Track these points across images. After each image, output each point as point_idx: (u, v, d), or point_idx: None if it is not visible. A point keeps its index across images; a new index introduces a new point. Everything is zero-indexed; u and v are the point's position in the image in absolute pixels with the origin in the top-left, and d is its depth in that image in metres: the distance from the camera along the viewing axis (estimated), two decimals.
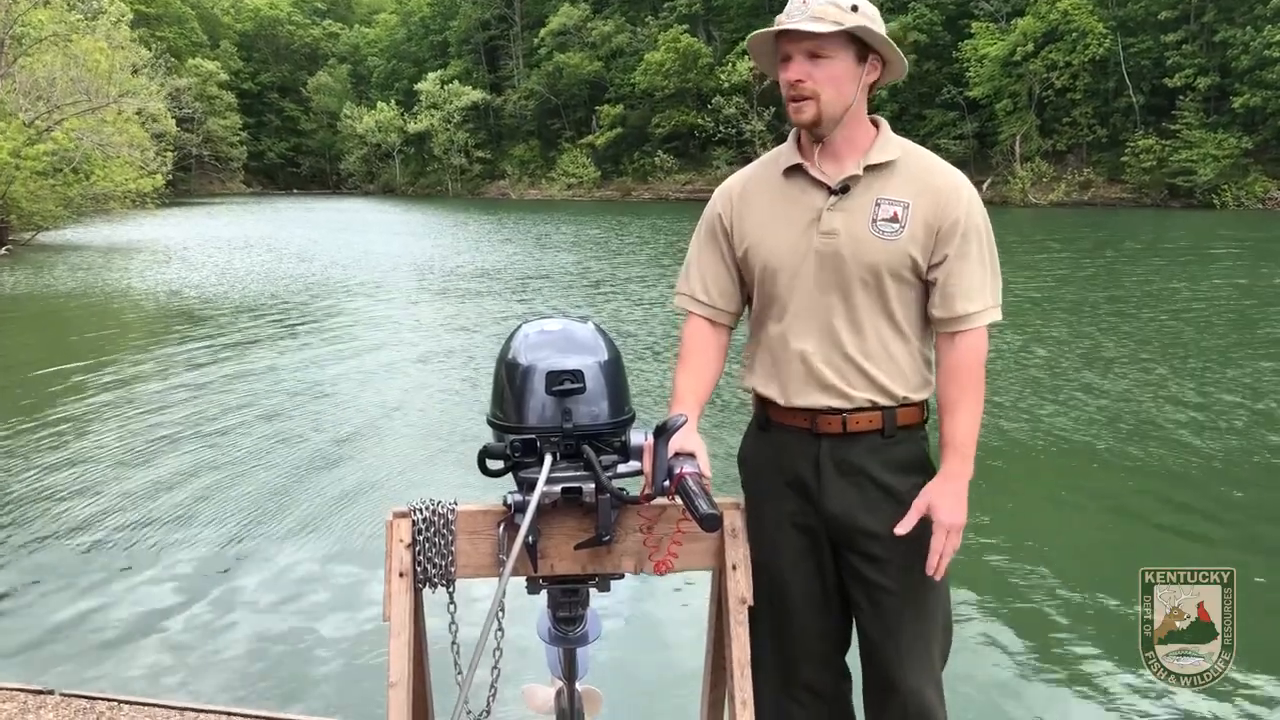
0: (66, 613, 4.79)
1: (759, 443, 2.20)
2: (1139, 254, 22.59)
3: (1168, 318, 13.40)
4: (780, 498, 2.12)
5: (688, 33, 61.47)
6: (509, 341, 1.98)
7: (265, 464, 7.25)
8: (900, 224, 2.00)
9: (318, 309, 15.65)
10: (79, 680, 3.92)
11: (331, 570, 5.30)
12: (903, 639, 2.07)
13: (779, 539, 2.12)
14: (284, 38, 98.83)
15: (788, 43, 1.98)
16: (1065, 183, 46.21)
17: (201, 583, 5.15)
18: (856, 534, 2.06)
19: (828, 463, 2.06)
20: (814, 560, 2.12)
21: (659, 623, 4.63)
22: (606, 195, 63.77)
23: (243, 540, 5.74)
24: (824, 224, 2.03)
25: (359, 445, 7.74)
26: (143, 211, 35.12)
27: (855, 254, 2.00)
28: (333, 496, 6.50)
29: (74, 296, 17.42)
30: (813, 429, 2.06)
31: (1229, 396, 8.89)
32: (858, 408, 2.04)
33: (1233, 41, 41.35)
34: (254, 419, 8.58)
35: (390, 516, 1.97)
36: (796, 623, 2.13)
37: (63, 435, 8.04)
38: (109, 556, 5.51)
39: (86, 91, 28.77)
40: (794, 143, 2.11)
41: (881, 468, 2.05)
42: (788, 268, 2.05)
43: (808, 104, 1.98)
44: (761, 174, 2.17)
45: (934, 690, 2.11)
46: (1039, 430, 7.83)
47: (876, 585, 2.06)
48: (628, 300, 16.00)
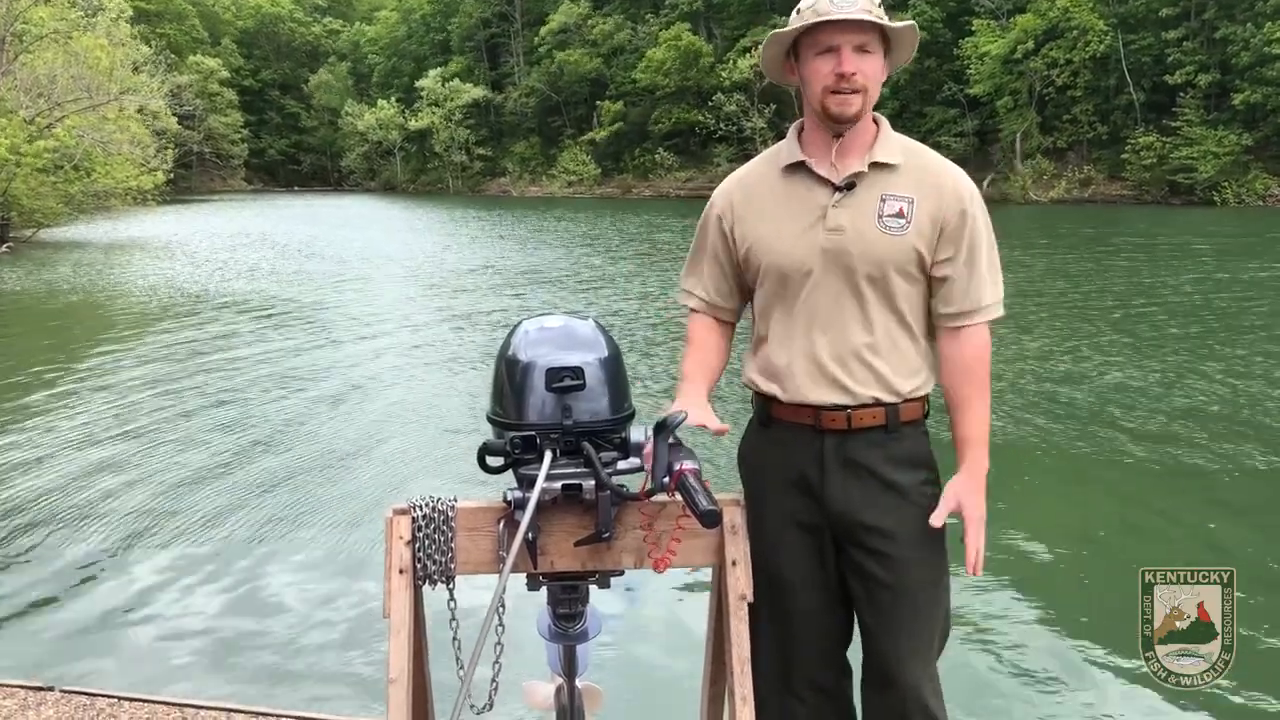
0: (66, 609, 4.79)
1: (760, 440, 2.19)
2: (1136, 250, 22.57)
3: (1166, 316, 13.40)
4: (782, 495, 2.11)
5: (689, 30, 61.44)
6: (509, 338, 1.98)
7: (265, 461, 7.25)
8: (906, 219, 2.01)
9: (317, 305, 15.64)
10: (79, 677, 3.92)
11: (331, 567, 5.31)
12: (903, 634, 2.07)
13: (781, 536, 2.12)
14: (285, 35, 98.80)
15: (837, 34, 1.96)
16: (1066, 180, 46.18)
17: (201, 580, 5.16)
18: (860, 529, 2.05)
19: (832, 459, 2.06)
20: (816, 557, 2.11)
21: (659, 619, 4.63)
22: (607, 192, 63.74)
23: (242, 537, 5.74)
24: (830, 221, 2.02)
25: (359, 442, 7.73)
26: (144, 208, 35.14)
27: (862, 250, 2.01)
28: (332, 493, 6.50)
29: (75, 293, 17.42)
30: (816, 425, 2.06)
31: (1229, 396, 8.89)
32: (862, 404, 2.04)
33: (1233, 38, 41.30)
34: (253, 415, 8.59)
35: (390, 513, 1.97)
36: (798, 620, 2.13)
37: (61, 433, 8.04)
38: (108, 553, 5.51)
39: (87, 89, 28.77)
40: (795, 139, 2.10)
41: (885, 463, 2.05)
42: (794, 266, 2.05)
43: (857, 97, 1.98)
44: (761, 172, 2.16)
45: (931, 685, 2.11)
46: (1038, 430, 7.82)
47: (879, 581, 2.06)
48: (627, 296, 16.00)
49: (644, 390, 9.18)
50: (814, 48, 1.99)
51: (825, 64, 1.97)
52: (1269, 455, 7.14)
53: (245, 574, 5.23)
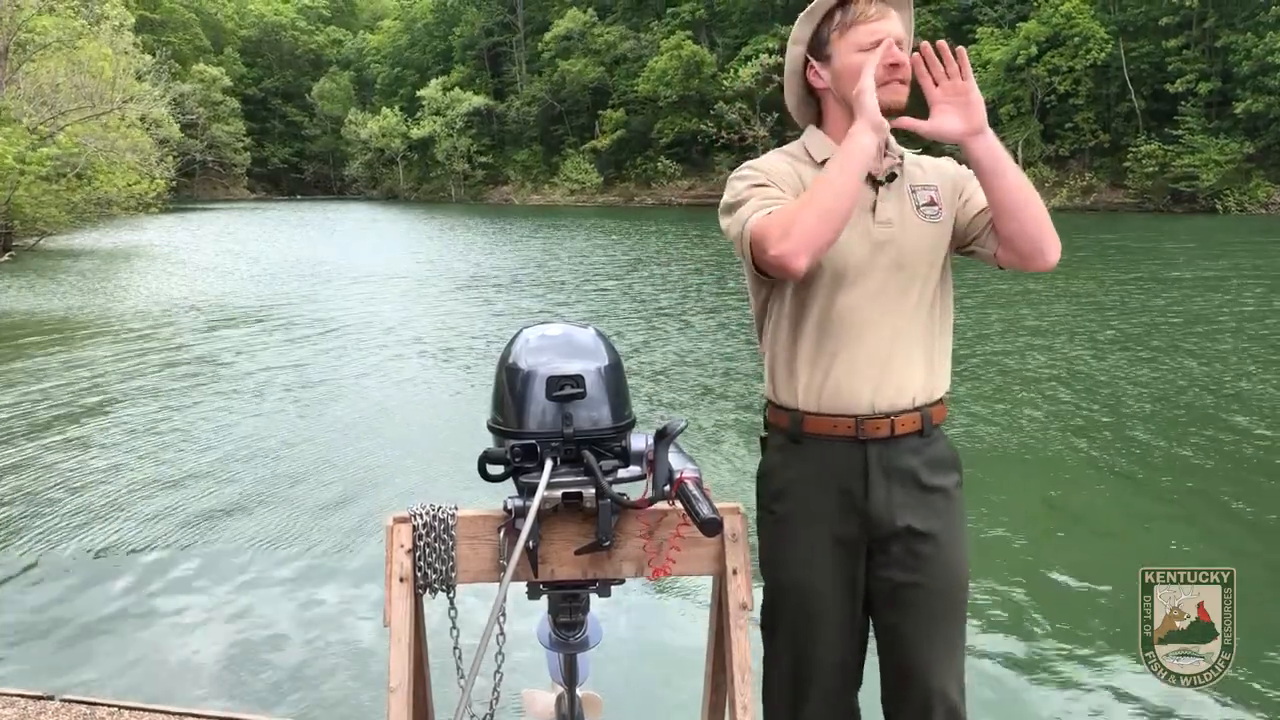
0: (67, 618, 4.79)
1: (791, 457, 2.08)
2: (1137, 254, 22.57)
3: (1165, 318, 13.40)
4: (819, 512, 2.04)
5: (690, 39, 61.56)
6: (510, 346, 1.98)
7: (265, 469, 7.25)
8: (939, 206, 2.05)
9: (318, 314, 15.65)
10: (79, 685, 3.91)
11: (332, 575, 5.30)
12: (936, 639, 2.04)
13: (814, 556, 2.04)
14: (288, 44, 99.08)
15: (884, 25, 1.99)
16: (1068, 188, 46.23)
17: (201, 588, 5.15)
18: (903, 535, 2.01)
19: (876, 469, 2.00)
20: (849, 574, 2.05)
21: (660, 628, 4.62)
22: (609, 200, 63.84)
23: (242, 545, 5.74)
24: (880, 214, 2.00)
25: (359, 450, 7.73)
26: (146, 217, 35.19)
27: (913, 241, 2.01)
28: (333, 501, 6.49)
29: (77, 300, 17.43)
30: (857, 435, 2.00)
31: (1229, 396, 8.88)
32: (903, 409, 2.00)
33: (1234, 47, 41.37)
34: (254, 425, 8.59)
35: (390, 521, 1.97)
36: (822, 640, 2.07)
37: (62, 440, 8.05)
38: (109, 561, 5.51)
39: (90, 97, 28.85)
40: (821, 138, 2.07)
41: (924, 467, 2.02)
42: (848, 263, 1.97)
43: (905, 88, 1.99)
44: (790, 164, 2.07)
45: (958, 689, 2.08)
46: (1038, 430, 7.82)
47: (914, 585, 2.02)
48: (629, 304, 16.00)
49: (645, 399, 9.18)
50: (854, 46, 1.99)
51: (883, 55, 1.96)
52: (1269, 455, 7.14)
53: (245, 582, 5.23)
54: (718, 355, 11.57)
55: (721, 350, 11.86)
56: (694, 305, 16.03)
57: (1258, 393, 9.19)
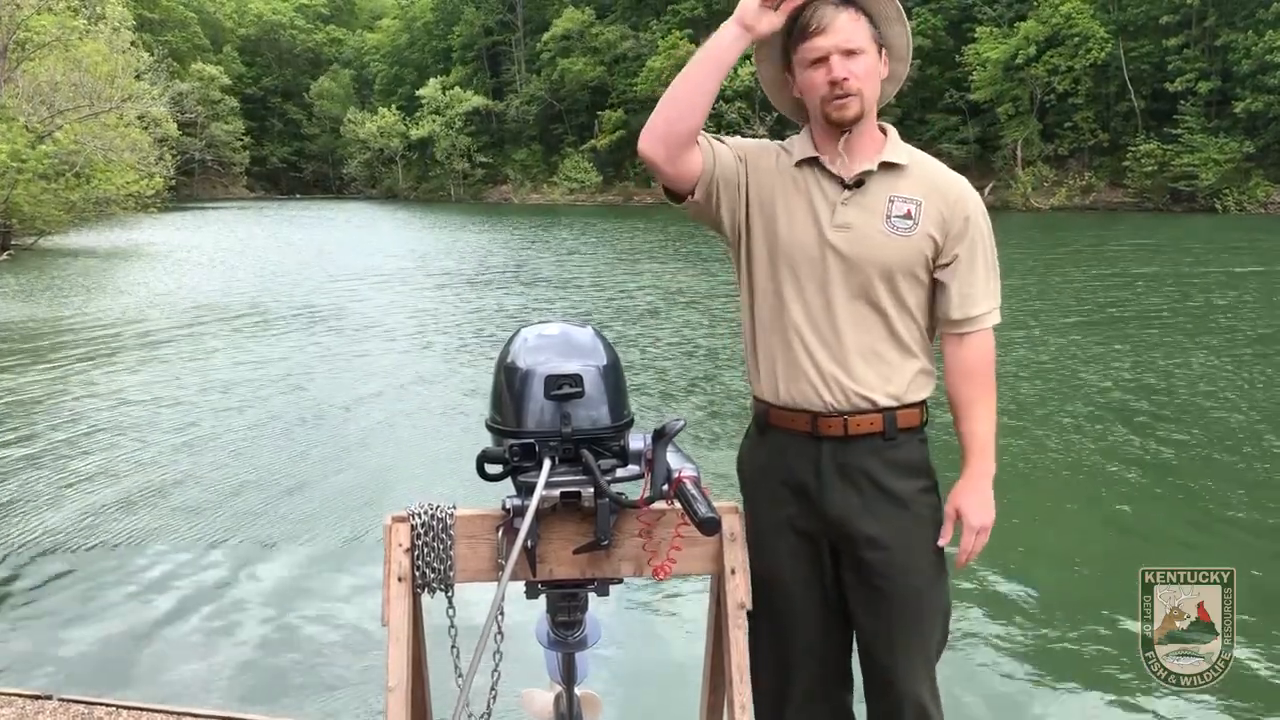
0: (65, 617, 4.79)
1: (757, 447, 2.18)
2: (1137, 255, 22.57)
3: (1164, 317, 13.40)
4: (779, 502, 2.10)
5: (689, 38, 61.50)
6: (508, 345, 1.97)
7: (263, 469, 7.25)
8: (914, 220, 2.02)
9: (316, 313, 15.65)
10: (77, 685, 3.91)
11: (330, 575, 5.30)
12: (901, 643, 2.06)
13: (778, 545, 2.10)
14: (287, 42, 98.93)
15: (822, 40, 1.97)
16: (1067, 187, 46.23)
17: (200, 587, 5.15)
18: (858, 539, 2.04)
19: (829, 466, 2.04)
20: (814, 566, 2.10)
21: (658, 627, 4.63)
22: (609, 200, 63.81)
23: (241, 545, 5.74)
24: (838, 217, 2.02)
25: (357, 450, 7.73)
26: (145, 215, 35.17)
27: (868, 249, 2.00)
28: (331, 501, 6.49)
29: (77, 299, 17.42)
30: (813, 432, 2.04)
31: (1229, 396, 8.88)
32: (858, 409, 2.02)
33: (1234, 46, 41.38)
34: (251, 425, 8.59)
35: (388, 521, 1.96)
36: (797, 630, 2.12)
37: (61, 440, 8.04)
38: (107, 560, 5.50)
39: (89, 96, 28.82)
40: (808, 137, 2.09)
41: (884, 470, 2.03)
42: (799, 260, 2.03)
43: (853, 100, 1.98)
44: (777, 158, 2.11)
45: (930, 692, 2.10)
46: (1038, 430, 7.82)
47: (877, 589, 2.05)
48: (626, 304, 16.00)
49: (643, 398, 9.18)
50: (803, 63, 2.02)
51: (818, 74, 1.99)
52: (1270, 456, 7.14)
53: (243, 582, 5.22)
54: (718, 355, 11.57)
55: (721, 349, 11.86)
56: (693, 303, 16.03)
57: (1258, 392, 9.19)
